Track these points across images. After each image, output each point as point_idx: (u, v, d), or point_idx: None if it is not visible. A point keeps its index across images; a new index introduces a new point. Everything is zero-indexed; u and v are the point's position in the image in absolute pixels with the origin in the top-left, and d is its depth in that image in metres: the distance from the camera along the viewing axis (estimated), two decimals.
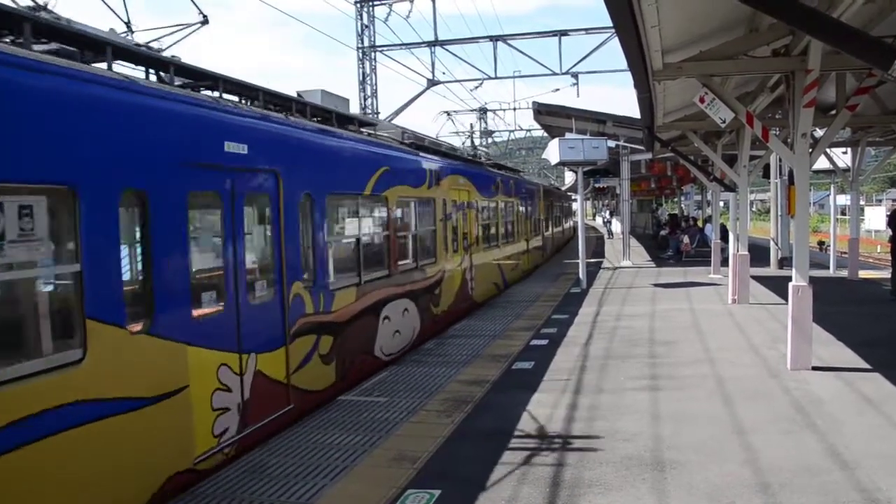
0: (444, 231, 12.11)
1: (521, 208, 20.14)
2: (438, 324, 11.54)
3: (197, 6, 7.41)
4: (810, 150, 8.15)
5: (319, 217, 7.48)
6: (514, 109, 48.44)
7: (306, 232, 7.25)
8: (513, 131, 44.84)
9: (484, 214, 15.56)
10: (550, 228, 28.40)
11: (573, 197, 40.07)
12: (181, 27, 7.31)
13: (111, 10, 6.60)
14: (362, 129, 10.12)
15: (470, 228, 13.96)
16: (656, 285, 16.67)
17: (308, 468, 5.42)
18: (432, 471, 5.31)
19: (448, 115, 27.47)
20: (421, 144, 11.90)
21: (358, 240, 8.64)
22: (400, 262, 9.97)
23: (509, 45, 22.62)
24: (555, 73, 22.65)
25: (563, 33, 21.96)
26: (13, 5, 5.21)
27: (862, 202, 40.95)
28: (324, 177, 7.66)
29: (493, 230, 16.49)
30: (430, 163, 11.59)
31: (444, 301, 11.99)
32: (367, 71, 24.01)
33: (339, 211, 8.58)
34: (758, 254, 17.69)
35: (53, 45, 5.26)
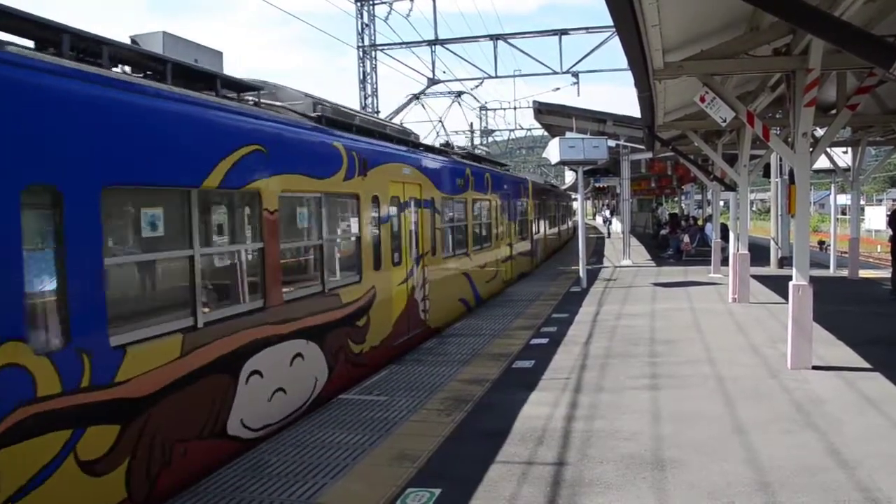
0: (375, 238, 9.14)
1: (503, 207, 17.41)
2: (364, 366, 8.49)
3: None
4: (811, 149, 8.15)
5: (81, 226, 4.47)
6: (515, 108, 48.54)
7: (42, 253, 4.39)
8: (513, 130, 44.99)
9: (446, 215, 12.62)
10: (543, 230, 25.49)
11: (573, 196, 39.99)
12: None
13: None
14: (246, 96, 7.23)
15: (422, 233, 11.05)
16: (656, 284, 16.67)
17: (309, 467, 5.42)
18: (433, 469, 5.31)
19: (416, 97, 24.02)
20: (342, 121, 8.69)
21: (191, 259, 5.58)
22: (287, 288, 6.97)
23: (510, 44, 22.61)
24: (555, 72, 22.62)
25: (564, 32, 21.94)
26: None
27: (862, 202, 40.98)
28: (92, 156, 4.63)
29: (460, 234, 13.64)
30: (352, 145, 8.37)
31: (374, 334, 8.86)
32: (368, 70, 24.03)
33: (141, 215, 5.30)
34: (758, 253, 17.69)
35: None
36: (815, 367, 7.93)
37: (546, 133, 31.75)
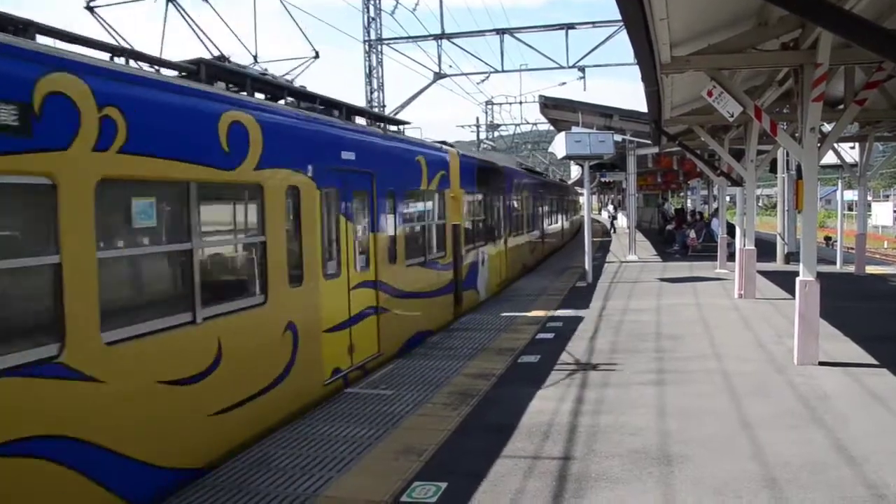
0: None
1: (350, 202, 8.27)
2: None
3: None
4: (818, 144, 8.11)
5: None
6: (521, 103, 48.40)
7: None
8: (519, 125, 44.94)
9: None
10: (501, 239, 16.61)
11: (579, 191, 39.80)
12: None
13: None
14: None
15: None
16: (662, 280, 16.64)
17: (315, 460, 5.44)
18: (439, 463, 5.32)
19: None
20: None
21: None
22: None
23: (516, 38, 22.49)
24: (561, 67, 22.53)
25: (570, 26, 21.83)
26: None
27: (869, 198, 40.79)
28: None
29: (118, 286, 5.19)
30: None
31: None
32: (374, 64, 23.98)
33: None
34: (764, 249, 17.64)
35: None
36: (821, 363, 7.91)
37: (552, 127, 31.65)
